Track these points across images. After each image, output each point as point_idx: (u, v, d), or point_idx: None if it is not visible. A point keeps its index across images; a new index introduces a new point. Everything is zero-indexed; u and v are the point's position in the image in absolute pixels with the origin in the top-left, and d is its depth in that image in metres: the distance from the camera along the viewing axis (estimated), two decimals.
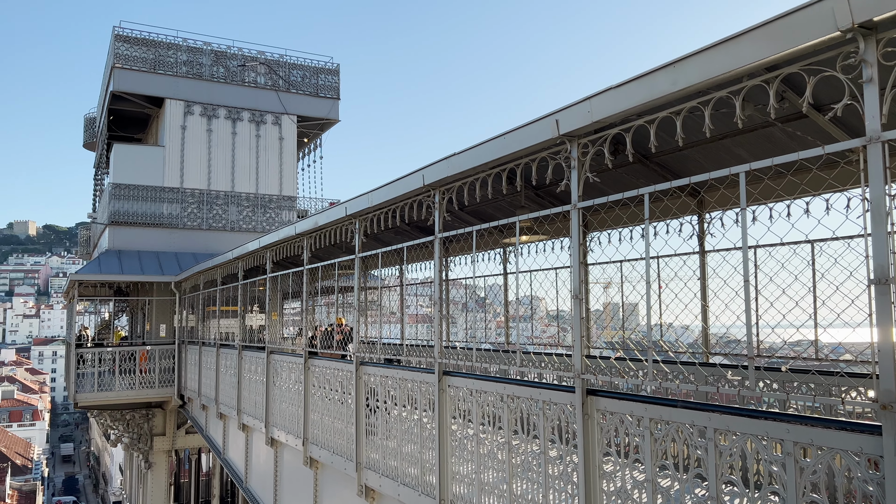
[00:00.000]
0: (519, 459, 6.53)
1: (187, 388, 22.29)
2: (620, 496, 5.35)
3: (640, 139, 5.54)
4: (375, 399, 9.38)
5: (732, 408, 4.61)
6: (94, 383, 22.39)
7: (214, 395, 17.93)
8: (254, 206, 27.68)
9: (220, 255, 17.99)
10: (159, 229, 25.99)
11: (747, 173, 4.55)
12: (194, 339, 21.48)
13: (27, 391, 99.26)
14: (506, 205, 10.36)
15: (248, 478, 15.98)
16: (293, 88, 28.70)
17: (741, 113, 4.61)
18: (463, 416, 7.45)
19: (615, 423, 5.39)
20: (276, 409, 13.27)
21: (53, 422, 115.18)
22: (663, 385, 5.07)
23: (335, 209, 10.38)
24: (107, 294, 27.74)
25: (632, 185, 8.17)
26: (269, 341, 13.98)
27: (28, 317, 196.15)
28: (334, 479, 11.13)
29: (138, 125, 30.64)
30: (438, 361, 7.77)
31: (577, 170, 5.78)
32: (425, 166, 7.83)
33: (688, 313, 6.45)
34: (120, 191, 25.56)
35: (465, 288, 14.73)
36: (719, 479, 4.57)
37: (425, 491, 8.00)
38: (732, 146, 7.75)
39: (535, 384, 6.42)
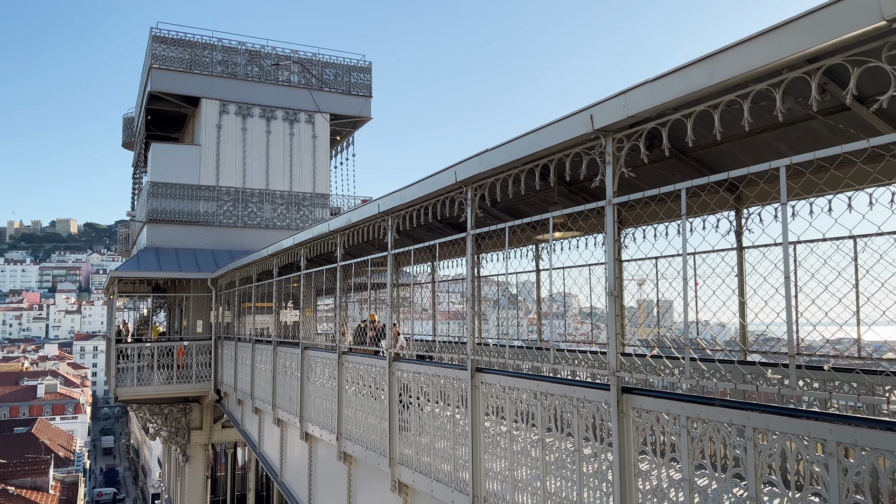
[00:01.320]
0: (553, 457, 6.49)
1: (223, 383, 22.65)
2: (656, 495, 5.29)
3: (676, 133, 5.46)
4: (408, 395, 9.42)
5: (772, 407, 4.51)
6: (134, 378, 22.88)
7: (250, 389, 18.19)
8: (288, 204, 27.98)
9: (255, 252, 18.23)
10: (196, 227, 26.43)
11: (788, 167, 4.45)
12: (230, 335, 21.81)
13: (69, 385, 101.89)
14: (538, 201, 10.31)
15: (283, 472, 16.18)
16: (326, 87, 28.93)
17: (781, 106, 4.52)
18: (496, 412, 7.44)
19: (651, 421, 5.32)
20: (310, 404, 13.41)
21: (95, 415, 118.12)
22: (700, 383, 5.00)
23: (368, 206, 10.43)
24: (145, 290, 28.33)
25: (667, 181, 8.05)
26: (304, 337, 14.12)
27: (70, 312, 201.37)
28: (368, 474, 11.21)
29: (175, 124, 31.20)
30: (471, 358, 7.77)
31: (611, 165, 5.72)
32: (457, 163, 7.82)
33: (725, 310, 6.33)
34: (158, 189, 26.05)
35: (497, 285, 14.70)
36: (758, 479, 4.48)
37: (458, 487, 8.01)
38: (771, 140, 7.59)
39: (570, 381, 6.38)
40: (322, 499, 13.56)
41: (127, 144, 37.77)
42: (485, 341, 14.82)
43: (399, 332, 12.45)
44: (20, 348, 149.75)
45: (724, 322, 8.82)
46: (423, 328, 18.02)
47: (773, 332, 8.44)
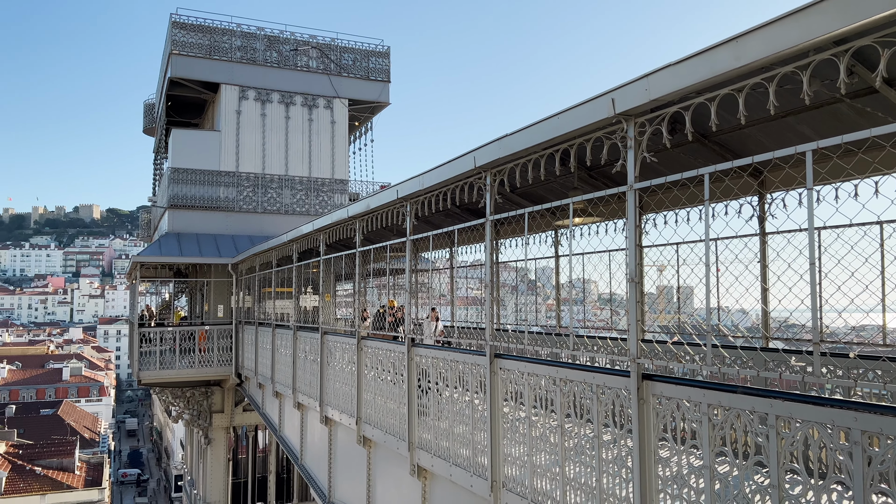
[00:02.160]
0: (572, 443, 6.48)
1: (244, 367, 22.89)
2: (677, 482, 5.27)
3: (699, 118, 5.38)
4: (427, 380, 9.45)
5: (796, 394, 4.47)
6: (157, 361, 23.19)
7: (270, 374, 18.37)
8: (307, 190, 28.08)
9: (274, 238, 18.33)
10: (216, 212, 26.64)
11: (814, 152, 4.37)
12: (251, 320, 22.01)
13: (94, 368, 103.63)
14: (557, 186, 10.24)
15: (303, 455, 16.36)
16: (344, 72, 28.89)
17: (808, 89, 4.43)
18: (514, 398, 7.44)
19: (671, 408, 5.29)
20: (330, 388, 13.51)
21: (118, 397, 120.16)
22: (723, 370, 4.95)
23: (387, 192, 10.43)
24: (167, 275, 28.65)
25: (690, 165, 7.95)
26: (323, 322, 14.20)
27: (94, 297, 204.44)
28: (387, 458, 11.29)
29: (195, 110, 31.36)
30: (490, 344, 7.76)
31: (633, 150, 5.66)
32: (476, 148, 7.78)
33: (748, 297, 6.26)
34: (178, 175, 26.26)
35: (516, 270, 14.66)
36: (781, 467, 4.45)
37: (477, 472, 8.04)
38: (796, 124, 7.46)
39: (589, 368, 6.36)
40: (342, 481, 13.69)
41: (148, 130, 38.08)
42: (503, 327, 14.81)
43: (438, 317, 12.43)
44: (46, 332, 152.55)
45: (746, 308, 8.73)
46: (442, 314, 18.06)
47: (795, 319, 8.34)
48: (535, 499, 6.89)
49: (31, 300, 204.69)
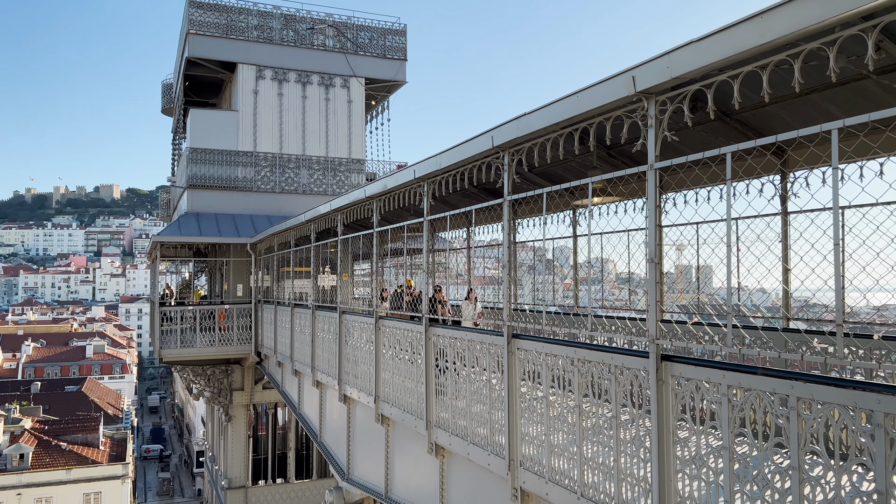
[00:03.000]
0: (589, 423, 6.49)
1: (264, 346, 23.14)
2: (695, 462, 5.26)
3: (721, 96, 5.29)
4: (445, 360, 9.49)
5: (817, 376, 4.43)
6: (178, 340, 23.50)
7: (289, 352, 18.54)
8: (324, 170, 28.11)
9: (292, 218, 18.41)
10: (235, 192, 26.78)
11: (840, 130, 4.28)
12: (269, 299, 22.19)
13: (116, 346, 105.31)
14: (576, 165, 10.15)
15: (322, 432, 16.55)
16: (361, 50, 28.74)
17: (834, 65, 4.33)
18: (532, 378, 7.45)
19: (690, 389, 5.27)
20: (348, 367, 13.62)
21: (141, 375, 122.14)
22: (743, 351, 4.92)
23: (404, 172, 10.41)
24: (187, 255, 28.90)
25: (711, 144, 7.84)
26: (341, 302, 14.29)
27: (115, 276, 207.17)
28: (405, 436, 11.39)
29: (213, 90, 31.40)
30: (507, 324, 7.76)
31: (654, 128, 5.58)
32: (494, 127, 7.72)
33: (768, 277, 6.19)
34: (197, 155, 26.38)
35: (534, 251, 14.61)
36: (802, 449, 4.42)
37: (494, 451, 8.08)
38: (821, 101, 7.32)
39: (608, 349, 6.34)
40: (360, 459, 13.85)
41: (166, 110, 38.22)
42: (520, 307, 14.80)
43: (476, 298, 12.35)
44: (69, 310, 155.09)
45: (766, 288, 8.64)
46: (459, 293, 18.07)
47: (817, 300, 8.24)
48: (553, 478, 6.93)
49: (55, 279, 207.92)
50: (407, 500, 11.58)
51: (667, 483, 5.44)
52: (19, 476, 42.36)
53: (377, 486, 12.70)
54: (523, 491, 7.58)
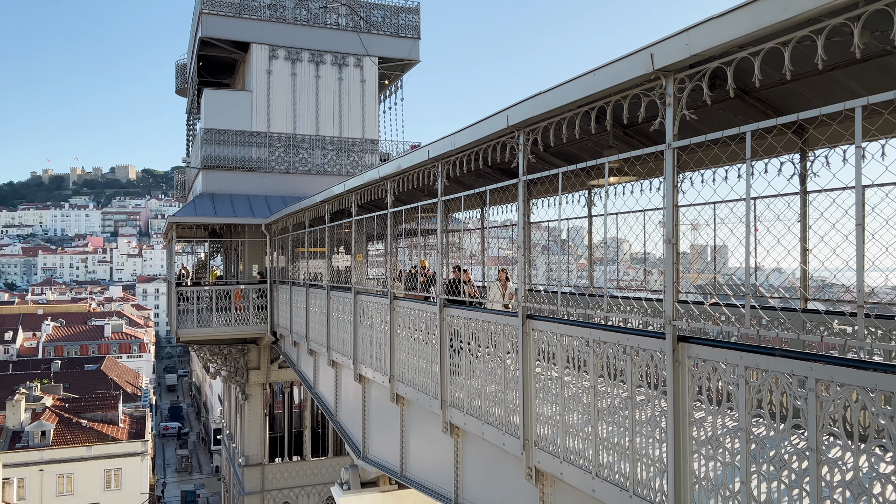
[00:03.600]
0: (604, 403, 6.49)
1: (279, 326, 23.31)
2: (711, 443, 5.24)
3: (740, 73, 5.19)
4: (459, 340, 9.50)
5: (837, 358, 4.38)
6: (194, 320, 23.73)
7: (305, 332, 18.67)
8: (338, 150, 28.08)
9: (306, 199, 18.43)
10: (249, 173, 26.84)
11: (864, 108, 4.19)
12: (285, 279, 22.31)
13: (134, 325, 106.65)
14: (591, 145, 10.05)
15: (338, 411, 16.70)
16: (374, 29, 28.55)
17: (858, 41, 4.23)
18: (546, 358, 7.45)
19: (707, 370, 5.24)
20: (363, 347, 13.69)
21: (158, 354, 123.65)
22: (761, 332, 4.87)
23: (418, 152, 10.36)
24: (202, 235, 29.09)
25: (729, 122, 7.73)
26: (356, 282, 14.33)
27: (132, 256, 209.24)
28: (420, 415, 11.46)
29: (226, 70, 31.37)
30: (522, 305, 7.75)
31: (672, 107, 5.50)
32: (509, 106, 7.65)
33: (787, 257, 6.11)
34: (211, 135, 26.43)
35: (548, 230, 14.55)
36: (820, 431, 4.39)
37: (509, 431, 8.11)
38: (842, 78, 7.17)
39: (623, 330, 6.31)
40: (376, 437, 13.97)
41: (180, 91, 38.27)
42: (534, 287, 14.77)
43: (507, 278, 12.27)
44: (87, 290, 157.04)
45: (783, 268, 8.54)
46: (473, 274, 18.06)
47: (836, 279, 8.14)
48: (568, 458, 6.94)
49: (73, 259, 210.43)
50: (422, 478, 11.68)
51: (682, 463, 5.43)
52: (41, 452, 43.20)
53: (392, 465, 12.82)
54: (538, 470, 7.61)
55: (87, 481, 44.09)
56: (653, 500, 5.74)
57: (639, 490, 5.90)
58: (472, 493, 9.82)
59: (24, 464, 42.35)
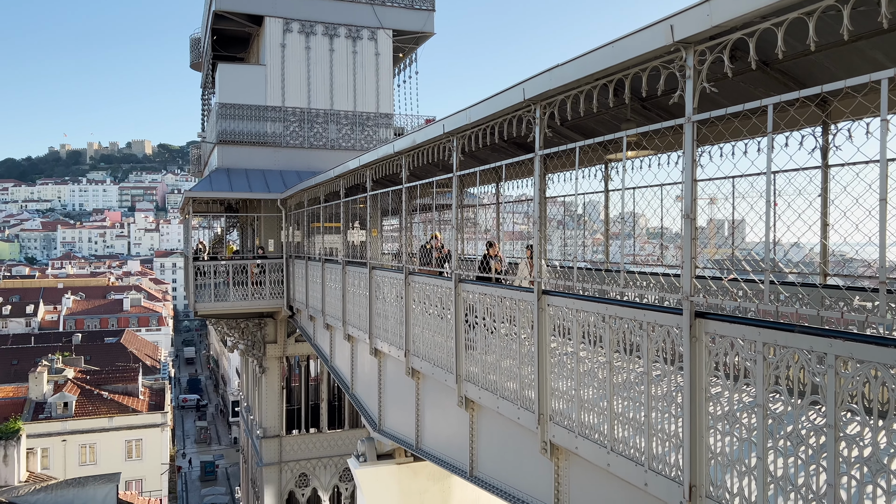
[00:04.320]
0: (620, 378, 6.49)
1: (295, 300, 23.48)
2: (727, 419, 5.23)
3: (762, 44, 5.08)
4: (474, 315, 9.52)
5: (857, 334, 4.34)
6: (211, 294, 23.95)
7: (321, 307, 18.80)
8: (352, 124, 27.98)
9: (321, 174, 18.43)
10: (264, 148, 26.86)
11: (891, 79, 4.09)
12: (300, 254, 22.42)
13: (152, 299, 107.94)
14: (609, 118, 9.93)
15: (353, 384, 16.86)
16: (388, 1, 28.24)
17: (886, 10, 4.12)
18: (562, 334, 7.45)
19: (725, 346, 5.22)
20: (378, 321, 13.77)
21: (176, 327, 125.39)
22: (780, 309, 4.83)
23: (433, 126, 10.29)
24: (218, 210, 29.23)
25: (750, 95, 7.59)
26: (371, 258, 14.36)
27: (149, 231, 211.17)
28: (435, 389, 11.55)
29: (240, 44, 31.24)
30: (538, 281, 7.73)
31: (692, 80, 5.40)
32: (526, 79, 7.55)
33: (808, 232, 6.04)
34: (226, 110, 26.42)
35: (564, 205, 14.44)
36: (839, 407, 4.37)
37: (524, 405, 8.15)
38: (868, 49, 7.01)
39: (640, 305, 6.28)
40: (391, 410, 14.11)
41: (195, 65, 38.18)
42: (550, 262, 14.71)
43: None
44: (106, 264, 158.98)
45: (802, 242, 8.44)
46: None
47: (856, 255, 8.04)
48: (583, 432, 6.97)
49: (91, 233, 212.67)
50: (437, 450, 11.80)
51: (698, 439, 5.43)
52: (64, 423, 44.11)
53: (408, 437, 12.95)
54: (553, 445, 7.66)
55: (108, 451, 45.02)
56: (668, 475, 5.76)
57: (654, 465, 5.93)
58: (487, 467, 9.92)
59: (48, 434, 43.28)
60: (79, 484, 26.87)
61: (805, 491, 4.57)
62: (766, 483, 4.84)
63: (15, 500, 25.66)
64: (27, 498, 25.90)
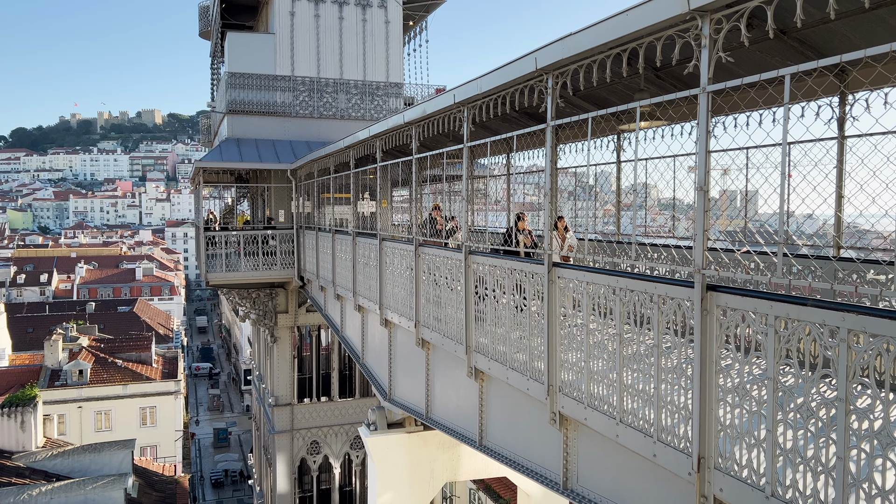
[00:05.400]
0: (629, 351, 6.49)
1: (306, 271, 23.58)
2: (737, 391, 5.24)
3: (780, 13, 4.96)
4: (484, 287, 9.53)
5: (870, 308, 4.30)
6: (223, 264, 24.08)
7: (331, 277, 18.87)
8: (362, 94, 27.78)
9: (331, 144, 18.35)
10: (274, 118, 26.74)
11: None
12: (311, 225, 22.45)
13: (164, 269, 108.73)
14: (622, 88, 9.79)
15: (364, 354, 16.99)
16: None
17: None
18: (573, 306, 7.44)
19: (736, 319, 5.19)
20: (388, 292, 13.82)
21: (188, 297, 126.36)
22: (793, 282, 4.79)
23: (443, 96, 10.19)
24: (228, 181, 29.25)
25: (766, 64, 7.46)
26: (381, 229, 14.36)
27: (160, 200, 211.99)
28: (445, 359, 11.62)
29: (249, 12, 30.92)
30: (548, 253, 7.71)
31: (707, 49, 5.30)
32: (538, 49, 7.44)
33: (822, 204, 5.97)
34: (235, 79, 26.27)
35: (575, 176, 14.35)
36: (850, 381, 4.35)
37: (533, 376, 8.19)
38: (888, 16, 6.84)
39: (651, 278, 6.26)
40: (401, 380, 14.23)
41: (204, 34, 37.90)
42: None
43: (567, 228, 11.73)
44: (118, 234, 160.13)
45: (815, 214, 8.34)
46: (498, 220, 18.00)
47: (871, 227, 7.96)
48: (592, 403, 7.01)
49: (103, 203, 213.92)
50: (447, 420, 11.92)
51: (707, 411, 5.45)
52: (79, 390, 44.81)
53: (418, 407, 13.08)
54: (562, 416, 7.70)
55: (123, 418, 45.79)
56: (677, 447, 5.79)
57: (663, 436, 5.95)
58: (496, 436, 10.01)
59: (64, 401, 44.00)
60: (95, 450, 27.38)
61: (814, 464, 4.58)
62: (774, 455, 4.85)
63: (33, 465, 26.22)
64: (45, 462, 26.45)
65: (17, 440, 27.53)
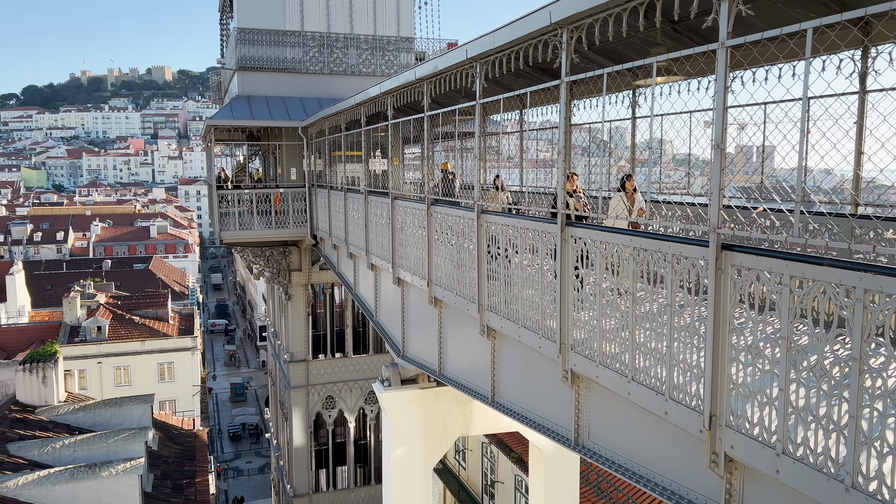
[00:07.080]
0: (642, 309, 6.49)
1: (319, 229, 23.62)
2: (750, 351, 5.23)
3: None
4: (497, 246, 9.51)
5: (888, 268, 4.25)
6: (236, 222, 24.17)
7: (344, 236, 18.91)
8: (372, 49, 27.37)
9: (342, 101, 18.17)
10: (284, 74, 26.46)
11: None
12: (322, 183, 22.39)
13: (178, 226, 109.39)
14: (638, 42, 9.57)
15: (377, 312, 17.12)
16: None
17: None
18: (584, 265, 7.42)
19: (751, 278, 5.16)
20: (401, 251, 13.83)
21: (203, 254, 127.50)
22: (810, 241, 4.74)
23: (456, 52, 10.02)
24: (240, 138, 29.15)
25: (787, 17, 7.24)
26: (393, 187, 14.30)
27: (172, 158, 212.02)
28: (458, 317, 11.68)
29: None
30: (561, 213, 7.65)
31: (728, 1, 5.14)
32: (552, 2, 7.25)
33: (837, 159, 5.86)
34: (245, 35, 25.94)
35: (589, 132, 14.15)
36: (865, 341, 4.33)
37: (545, 335, 8.22)
38: None
39: (665, 237, 6.21)
40: (414, 338, 14.35)
41: None
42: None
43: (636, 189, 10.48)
44: (131, 192, 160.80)
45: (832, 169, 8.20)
46: (510, 178, 17.85)
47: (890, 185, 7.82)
48: (604, 361, 7.04)
49: (116, 161, 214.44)
50: (459, 377, 12.05)
51: (720, 369, 5.46)
52: (98, 346, 45.63)
53: (431, 364, 13.22)
54: (573, 373, 7.76)
55: (142, 373, 46.68)
56: (688, 405, 5.82)
57: (674, 394, 5.99)
58: (508, 393, 10.12)
59: (83, 356, 44.85)
60: (115, 404, 27.99)
61: (826, 422, 4.59)
62: (786, 413, 4.87)
63: (56, 419, 26.88)
64: (68, 416, 27.10)
65: (39, 394, 28.17)
